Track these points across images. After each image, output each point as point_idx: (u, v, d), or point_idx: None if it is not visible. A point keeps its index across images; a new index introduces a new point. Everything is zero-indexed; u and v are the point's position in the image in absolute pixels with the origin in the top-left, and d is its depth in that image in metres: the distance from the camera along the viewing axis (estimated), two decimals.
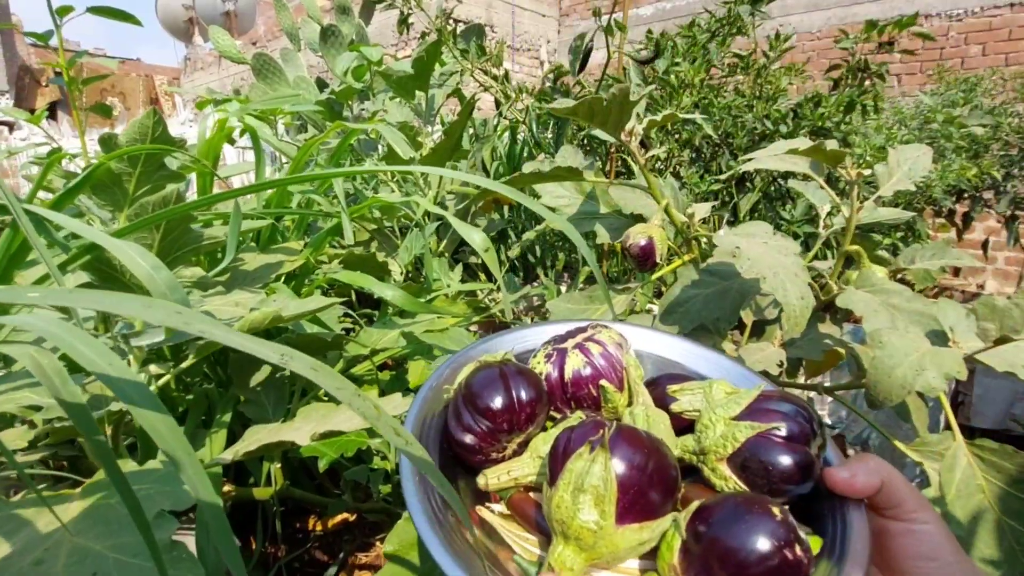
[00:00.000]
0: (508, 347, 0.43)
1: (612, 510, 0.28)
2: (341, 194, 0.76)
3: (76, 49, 1.12)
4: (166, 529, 0.34)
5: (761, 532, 0.26)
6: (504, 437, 0.35)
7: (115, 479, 0.27)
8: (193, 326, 0.24)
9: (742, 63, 1.55)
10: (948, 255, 0.66)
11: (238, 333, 0.25)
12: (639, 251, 0.62)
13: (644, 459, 0.29)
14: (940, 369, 0.47)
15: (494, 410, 0.34)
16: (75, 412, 0.28)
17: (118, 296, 0.28)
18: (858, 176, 0.61)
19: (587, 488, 0.28)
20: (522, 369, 0.37)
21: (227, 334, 0.25)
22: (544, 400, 0.37)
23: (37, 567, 0.33)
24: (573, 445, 0.30)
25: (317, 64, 5.15)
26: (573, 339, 0.41)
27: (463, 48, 1.38)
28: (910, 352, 0.49)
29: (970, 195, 2.01)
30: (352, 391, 0.25)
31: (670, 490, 0.30)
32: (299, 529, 0.90)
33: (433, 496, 0.31)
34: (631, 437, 0.30)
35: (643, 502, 0.28)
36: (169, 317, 0.25)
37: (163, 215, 0.43)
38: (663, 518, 0.29)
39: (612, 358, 0.40)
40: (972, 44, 3.69)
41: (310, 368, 0.25)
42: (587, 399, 0.39)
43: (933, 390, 0.47)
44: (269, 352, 0.24)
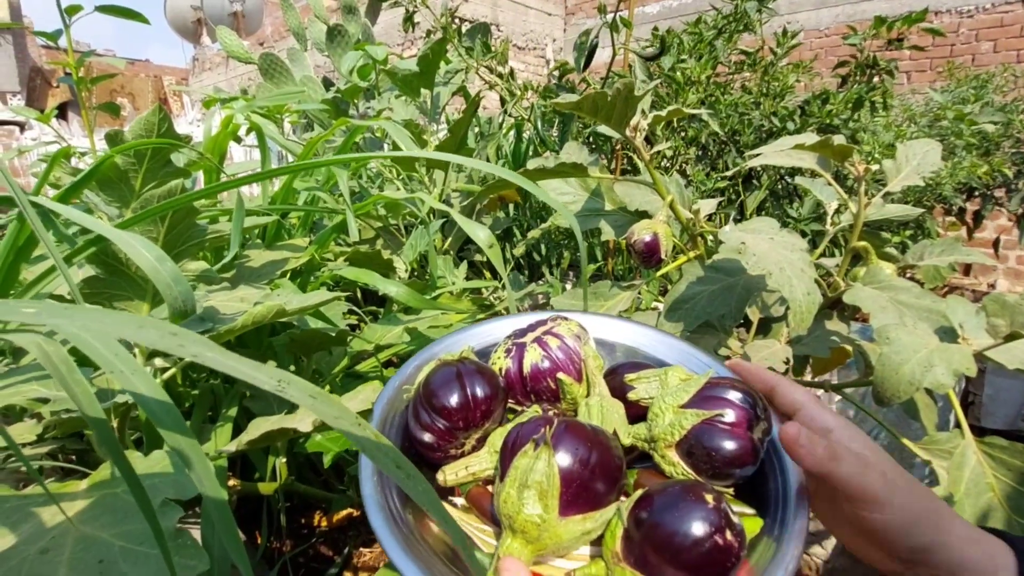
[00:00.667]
0: (471, 342, 0.44)
1: (555, 504, 0.29)
2: (346, 190, 0.76)
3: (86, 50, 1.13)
4: (171, 517, 0.35)
5: (694, 518, 0.27)
6: (461, 434, 0.36)
7: (120, 466, 0.27)
8: (188, 349, 0.24)
9: (749, 60, 1.54)
10: (958, 251, 0.65)
11: (235, 357, 0.25)
12: (643, 247, 0.61)
13: (587, 453, 0.30)
14: (949, 365, 0.47)
15: (450, 408, 0.35)
16: (82, 400, 0.28)
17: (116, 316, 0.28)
18: (865, 171, 0.61)
19: (531, 484, 0.29)
20: (479, 367, 0.38)
21: (221, 358, 0.24)
22: (500, 397, 0.38)
23: (43, 555, 0.34)
24: (520, 442, 0.31)
25: (324, 64, 5.18)
26: (533, 333, 0.42)
27: (468, 46, 1.38)
28: (918, 348, 0.49)
29: (981, 193, 1.99)
30: (352, 420, 0.25)
31: (613, 481, 0.31)
32: (304, 524, 0.90)
33: (391, 496, 0.32)
34: (575, 433, 0.31)
35: (586, 494, 0.30)
36: (163, 339, 0.25)
37: (167, 205, 0.43)
38: (607, 508, 0.31)
39: (570, 350, 0.41)
40: (983, 40, 3.65)
41: (308, 396, 0.25)
42: (546, 392, 0.40)
43: (942, 387, 0.46)
44: (265, 378, 0.24)
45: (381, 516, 0.31)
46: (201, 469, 0.27)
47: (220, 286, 0.64)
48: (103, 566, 0.33)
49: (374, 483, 0.33)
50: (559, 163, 0.63)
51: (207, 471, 0.27)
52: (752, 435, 0.33)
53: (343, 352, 0.82)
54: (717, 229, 0.66)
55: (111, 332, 0.28)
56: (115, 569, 0.33)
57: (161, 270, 0.42)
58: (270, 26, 7.80)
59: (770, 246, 0.56)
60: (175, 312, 0.44)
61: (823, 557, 1.61)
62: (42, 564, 0.33)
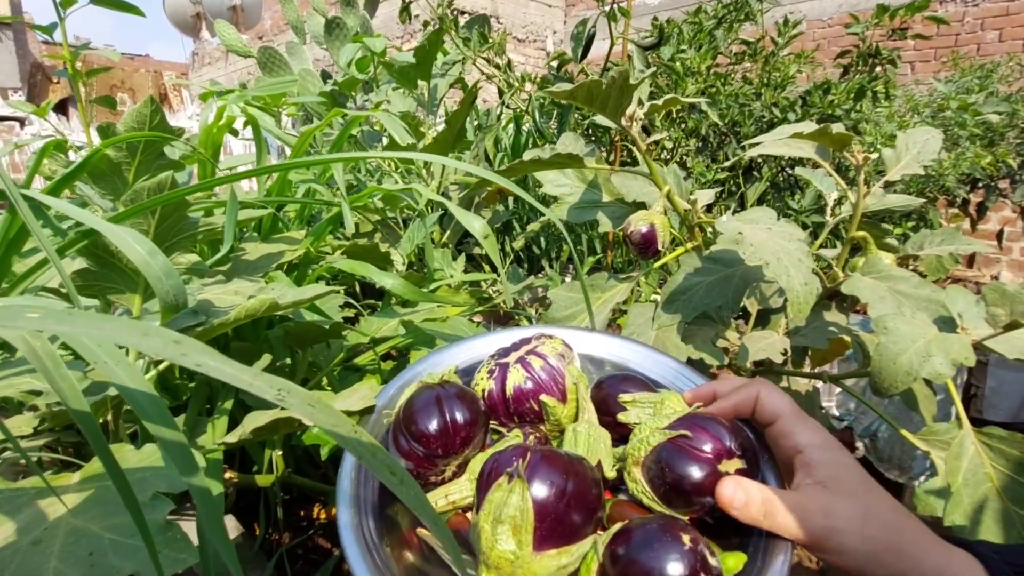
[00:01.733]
0: (455, 361, 0.44)
1: (529, 539, 0.29)
2: (341, 182, 0.75)
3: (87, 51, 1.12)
4: (161, 510, 0.35)
5: (670, 559, 0.27)
6: (441, 461, 0.36)
7: (104, 458, 0.27)
8: (190, 357, 0.24)
9: (750, 50, 1.52)
10: (959, 241, 0.64)
11: (235, 365, 0.24)
12: (640, 238, 0.61)
13: (562, 486, 0.30)
14: (947, 355, 0.46)
15: (428, 435, 0.35)
16: (66, 394, 0.28)
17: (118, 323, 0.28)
18: (865, 160, 0.60)
19: (504, 519, 0.29)
20: (460, 391, 0.37)
21: (223, 367, 0.24)
22: (480, 422, 0.37)
23: (35, 547, 0.34)
24: (495, 473, 0.31)
25: (323, 58, 5.15)
26: (516, 352, 0.41)
27: (466, 36, 1.37)
28: (916, 338, 0.48)
29: (985, 184, 1.97)
30: (349, 429, 0.25)
31: (589, 514, 0.30)
32: (303, 517, 0.90)
33: (367, 529, 0.32)
34: (550, 464, 0.30)
35: (561, 528, 0.29)
36: (166, 347, 0.24)
37: (158, 200, 0.43)
38: (583, 541, 0.30)
39: (553, 370, 0.40)
40: (989, 30, 3.61)
41: (307, 405, 0.24)
42: (530, 413, 0.40)
43: (940, 377, 0.46)
44: (265, 387, 0.24)
45: (358, 548, 0.31)
46: (186, 461, 0.26)
47: (215, 279, 0.64)
48: (93, 558, 0.33)
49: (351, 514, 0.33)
50: (554, 153, 0.62)
51: (191, 463, 0.27)
52: (717, 465, 0.32)
53: (341, 345, 0.82)
54: (715, 220, 0.66)
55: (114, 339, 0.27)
56: (105, 561, 0.33)
57: (152, 263, 0.42)
58: (269, 20, 7.77)
59: (767, 236, 0.55)
60: (166, 306, 0.44)
61: None
62: (33, 555, 0.33)
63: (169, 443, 0.27)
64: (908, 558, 0.30)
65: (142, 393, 0.25)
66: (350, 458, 0.36)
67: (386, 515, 0.34)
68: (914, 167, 0.62)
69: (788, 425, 0.34)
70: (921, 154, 0.62)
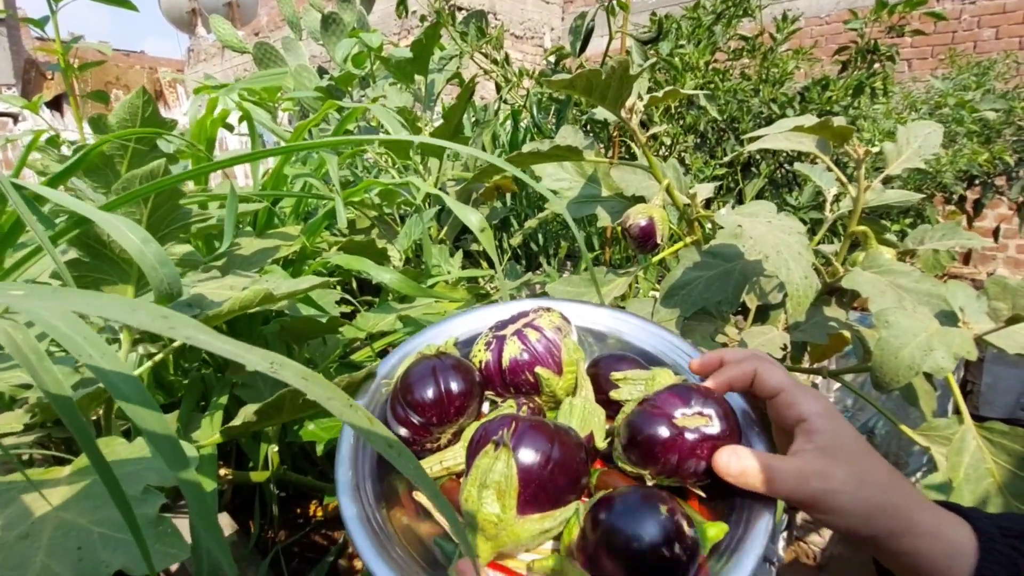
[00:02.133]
0: (455, 332, 0.45)
1: (513, 503, 0.30)
2: (335, 175, 0.75)
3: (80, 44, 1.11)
4: (152, 504, 0.34)
5: (647, 525, 0.28)
6: (436, 429, 0.37)
7: (87, 449, 0.26)
8: (179, 331, 0.23)
9: (748, 45, 1.52)
10: (958, 235, 0.64)
11: (226, 339, 0.24)
12: (639, 232, 0.60)
13: (547, 454, 0.31)
14: (949, 349, 0.46)
15: (424, 404, 0.36)
16: (48, 385, 0.28)
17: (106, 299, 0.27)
18: (865, 154, 0.59)
19: (490, 484, 0.30)
20: (456, 362, 0.39)
21: (213, 340, 0.24)
22: (475, 392, 0.38)
23: (22, 541, 0.33)
24: (483, 441, 0.32)
25: (320, 54, 5.13)
26: (513, 324, 0.42)
27: (463, 31, 1.36)
28: (918, 332, 0.48)
29: (982, 181, 1.98)
30: (344, 401, 0.24)
31: (573, 481, 0.32)
32: (299, 514, 0.90)
33: (365, 495, 0.33)
34: (536, 433, 0.32)
35: (544, 494, 0.30)
36: (154, 322, 0.24)
37: (150, 188, 0.42)
38: (566, 507, 0.31)
39: (550, 343, 0.41)
40: (985, 27, 3.61)
41: (300, 378, 0.24)
42: (525, 384, 0.40)
43: (942, 371, 0.46)
44: (258, 360, 0.23)
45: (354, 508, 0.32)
46: (173, 449, 0.26)
47: (209, 273, 0.63)
48: (82, 552, 0.32)
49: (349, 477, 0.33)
50: (553, 146, 0.62)
51: (179, 452, 0.26)
52: (681, 426, 0.33)
53: (337, 341, 0.81)
54: (714, 214, 0.65)
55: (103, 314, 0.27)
56: (94, 555, 0.32)
57: (146, 252, 0.41)
58: (265, 16, 7.73)
59: (767, 229, 0.55)
60: (160, 295, 0.43)
61: (820, 546, 1.62)
62: (21, 549, 0.32)
63: (153, 433, 0.26)
64: (900, 518, 0.32)
65: (123, 377, 0.25)
66: (346, 442, 0.36)
67: (384, 480, 0.35)
68: (915, 161, 0.62)
69: (791, 396, 0.35)
70: (922, 148, 0.61)
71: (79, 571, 0.32)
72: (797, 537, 1.62)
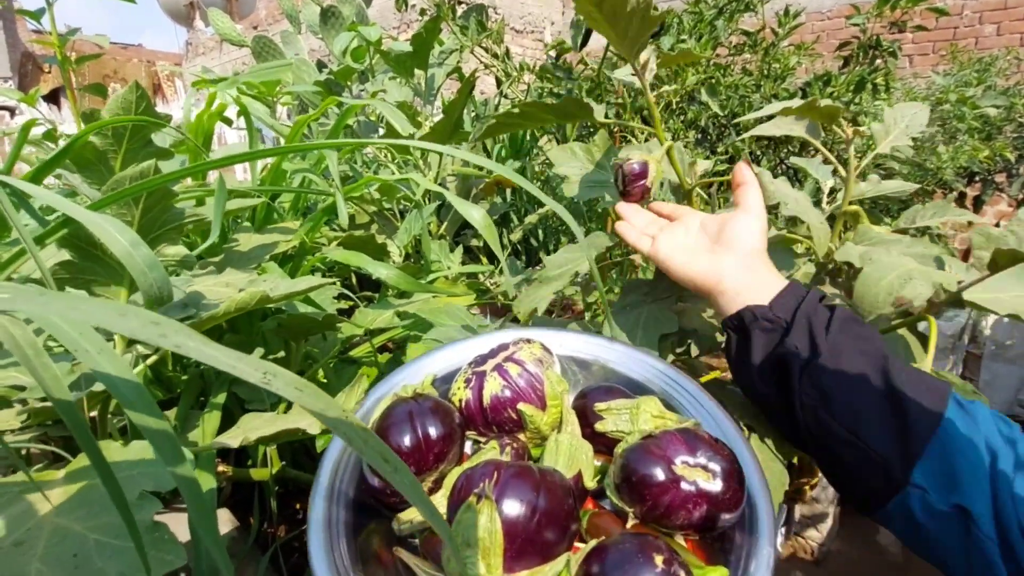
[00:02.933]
0: (432, 369, 0.43)
1: (499, 562, 0.28)
2: (335, 171, 0.74)
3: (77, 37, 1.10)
4: (148, 510, 0.33)
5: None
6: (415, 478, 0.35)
7: (91, 455, 0.25)
8: (169, 339, 0.23)
9: (750, 41, 1.51)
10: (950, 212, 0.64)
11: (218, 347, 0.23)
12: (631, 171, 0.59)
13: (532, 504, 0.29)
14: (929, 279, 0.45)
15: (401, 452, 0.34)
16: (48, 384, 0.27)
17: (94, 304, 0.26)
18: (854, 134, 0.59)
19: (473, 543, 0.28)
20: (434, 405, 0.37)
21: (205, 348, 0.23)
22: (455, 436, 0.36)
23: (17, 547, 0.32)
24: (465, 492, 0.30)
25: (318, 48, 5.10)
26: (493, 359, 0.40)
27: (463, 25, 1.34)
28: (898, 266, 0.48)
29: (982, 177, 1.97)
30: (338, 413, 0.24)
31: (562, 531, 0.30)
32: (298, 510, 0.89)
33: (340, 556, 0.32)
34: (520, 482, 0.29)
35: (532, 548, 0.28)
36: (144, 328, 0.23)
37: (140, 187, 0.42)
38: (556, 561, 0.29)
39: (531, 377, 0.39)
40: (987, 23, 3.60)
41: (294, 389, 0.23)
42: (508, 422, 0.39)
43: (919, 296, 0.45)
44: (250, 370, 0.22)
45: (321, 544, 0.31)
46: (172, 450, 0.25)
47: (206, 271, 0.62)
48: (77, 560, 0.32)
49: (322, 539, 0.32)
50: (564, 99, 0.60)
51: (178, 452, 0.25)
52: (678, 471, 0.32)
53: (336, 338, 0.81)
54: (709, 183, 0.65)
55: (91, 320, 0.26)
56: (90, 563, 0.31)
57: (135, 255, 0.40)
58: (264, 9, 7.67)
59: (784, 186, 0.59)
60: (149, 299, 0.42)
61: (818, 541, 1.62)
62: (15, 557, 0.32)
63: (153, 432, 0.25)
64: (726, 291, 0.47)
65: (123, 380, 0.24)
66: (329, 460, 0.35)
67: (359, 540, 0.34)
68: (903, 139, 0.62)
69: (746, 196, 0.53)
70: (909, 127, 0.62)
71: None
72: (795, 532, 1.62)
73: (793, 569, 1.60)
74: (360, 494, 0.37)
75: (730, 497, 0.32)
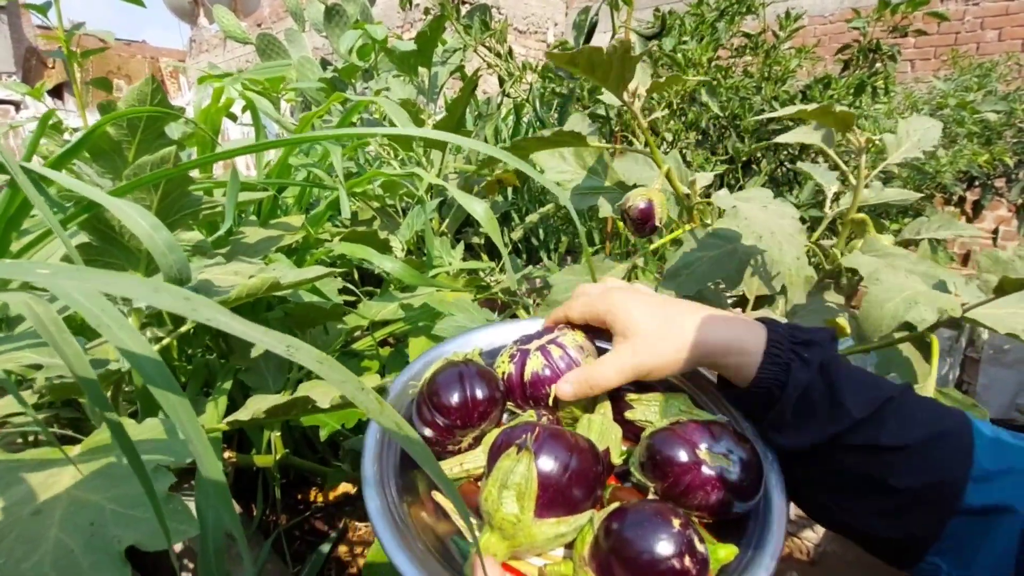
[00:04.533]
0: (480, 343, 0.46)
1: (531, 505, 0.31)
2: (339, 166, 0.75)
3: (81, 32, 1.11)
4: (163, 482, 0.35)
5: (658, 537, 0.29)
6: (459, 432, 0.38)
7: (112, 427, 0.27)
8: (201, 312, 0.24)
9: (751, 43, 1.52)
10: (954, 226, 0.65)
11: (244, 322, 0.24)
12: (638, 213, 0.60)
13: (566, 461, 0.32)
14: (933, 304, 0.46)
15: (450, 407, 0.37)
16: (72, 361, 0.28)
17: (129, 279, 0.28)
18: (867, 142, 0.60)
19: (510, 485, 0.31)
20: (481, 370, 0.40)
21: (233, 322, 0.24)
22: (498, 400, 0.40)
23: (35, 516, 0.34)
24: (505, 445, 0.33)
25: (322, 46, 5.11)
26: (538, 340, 0.43)
27: (467, 24, 1.36)
28: (905, 289, 0.49)
29: (981, 182, 1.98)
30: (355, 384, 0.25)
31: (589, 490, 0.33)
32: (300, 500, 0.91)
33: (389, 490, 0.34)
34: (557, 440, 0.33)
35: (561, 500, 0.31)
36: (177, 303, 0.24)
37: (161, 174, 0.43)
38: (581, 514, 0.32)
39: (572, 361, 0.42)
40: (988, 29, 3.61)
41: (315, 361, 0.25)
42: (545, 399, 0.41)
43: (923, 322, 0.46)
44: (275, 342, 0.24)
45: (378, 500, 0.32)
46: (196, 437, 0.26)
47: (214, 260, 0.64)
48: (94, 528, 0.33)
49: (374, 471, 0.35)
50: (557, 131, 0.62)
51: (201, 439, 0.27)
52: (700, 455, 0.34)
53: (339, 330, 0.82)
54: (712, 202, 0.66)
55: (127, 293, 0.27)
56: (106, 531, 0.33)
57: (156, 238, 0.41)
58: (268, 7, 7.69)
59: (762, 212, 0.56)
60: (169, 280, 0.44)
61: (814, 541, 1.63)
62: (34, 524, 0.33)
63: (173, 407, 0.27)
64: (708, 350, 0.37)
65: (146, 358, 0.25)
66: (372, 437, 0.37)
67: (406, 476, 0.37)
68: (914, 152, 0.63)
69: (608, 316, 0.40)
70: (922, 141, 0.62)
71: (92, 546, 0.33)
72: (791, 533, 1.63)
73: (789, 569, 1.61)
74: None
75: (747, 486, 0.34)
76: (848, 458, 0.35)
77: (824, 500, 0.37)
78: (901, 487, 0.33)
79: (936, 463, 0.33)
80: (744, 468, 0.34)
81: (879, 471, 0.34)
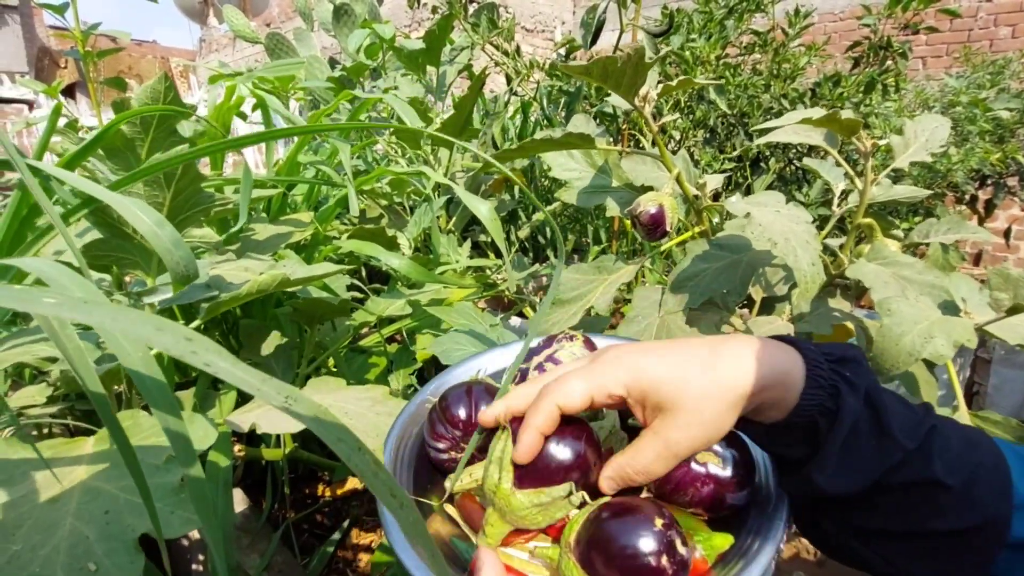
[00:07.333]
0: (487, 365, 0.49)
1: (509, 476, 0.33)
2: (347, 163, 0.76)
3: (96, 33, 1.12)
4: (174, 473, 0.35)
5: (638, 534, 0.30)
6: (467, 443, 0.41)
7: (110, 428, 0.27)
8: (200, 356, 0.24)
9: (760, 40, 1.51)
10: (964, 229, 0.64)
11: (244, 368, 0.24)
12: (649, 219, 0.61)
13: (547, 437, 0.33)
14: (949, 336, 0.46)
15: (459, 420, 0.40)
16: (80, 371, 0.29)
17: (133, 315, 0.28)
18: (873, 146, 0.60)
19: (494, 459, 0.33)
20: (487, 387, 0.43)
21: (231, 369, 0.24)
22: None
23: (52, 504, 0.35)
24: None
25: (331, 46, 5.14)
26: (538, 357, 0.45)
27: (474, 22, 1.36)
28: (919, 320, 0.49)
29: (994, 181, 1.96)
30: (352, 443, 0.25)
31: (565, 465, 0.34)
32: (308, 494, 0.92)
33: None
34: None
35: (534, 471, 0.33)
36: (177, 344, 0.24)
37: (168, 162, 0.44)
38: (558, 487, 0.33)
39: None
40: (1002, 25, 3.56)
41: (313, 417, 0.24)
42: None
43: (941, 357, 0.46)
44: (273, 394, 0.24)
45: None
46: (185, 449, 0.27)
47: (224, 256, 0.65)
48: (109, 516, 0.34)
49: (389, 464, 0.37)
50: (565, 133, 0.62)
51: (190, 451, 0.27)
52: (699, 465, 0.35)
53: (347, 327, 0.83)
54: (722, 205, 0.66)
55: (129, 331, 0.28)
56: (120, 520, 0.34)
57: (160, 234, 0.42)
58: (277, 7, 7.73)
59: (775, 217, 0.56)
60: (176, 277, 0.44)
61: None
62: (50, 513, 0.34)
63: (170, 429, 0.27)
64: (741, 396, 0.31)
65: (150, 378, 0.26)
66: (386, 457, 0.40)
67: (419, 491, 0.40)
68: (922, 154, 0.62)
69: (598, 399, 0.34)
70: (929, 142, 0.62)
71: (106, 534, 0.34)
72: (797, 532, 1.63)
73: (795, 569, 1.60)
74: (422, 458, 0.44)
75: (737, 482, 0.35)
76: (886, 498, 0.31)
77: (851, 543, 0.33)
78: (944, 530, 0.30)
79: (980, 499, 0.30)
80: (734, 465, 0.35)
81: (922, 511, 0.30)
